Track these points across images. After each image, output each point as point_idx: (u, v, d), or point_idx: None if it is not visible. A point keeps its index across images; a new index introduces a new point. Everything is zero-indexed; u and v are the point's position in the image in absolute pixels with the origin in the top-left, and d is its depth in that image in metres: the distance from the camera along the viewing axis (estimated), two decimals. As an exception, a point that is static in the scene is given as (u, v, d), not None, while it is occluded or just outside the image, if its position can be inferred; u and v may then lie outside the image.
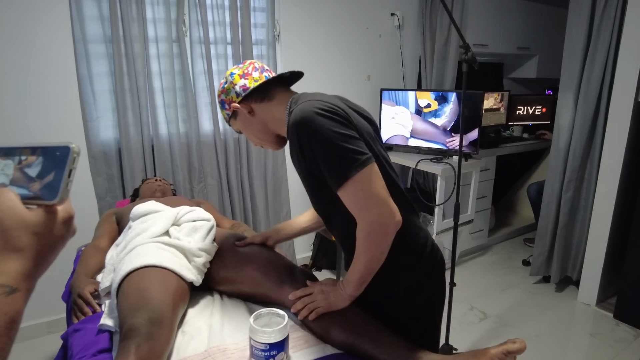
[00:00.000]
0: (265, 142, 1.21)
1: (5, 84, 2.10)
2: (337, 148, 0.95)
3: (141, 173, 2.42)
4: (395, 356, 1.03)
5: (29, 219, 0.48)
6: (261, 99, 1.14)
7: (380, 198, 0.98)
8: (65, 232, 0.51)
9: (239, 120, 1.18)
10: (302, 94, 1.14)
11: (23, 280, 0.47)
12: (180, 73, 2.45)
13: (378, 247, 1.01)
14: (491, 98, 3.48)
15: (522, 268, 3.24)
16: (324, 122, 0.96)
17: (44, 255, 0.49)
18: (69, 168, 0.49)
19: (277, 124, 1.15)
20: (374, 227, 0.99)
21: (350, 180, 0.96)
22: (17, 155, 0.52)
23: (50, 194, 0.49)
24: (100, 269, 1.49)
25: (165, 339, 0.98)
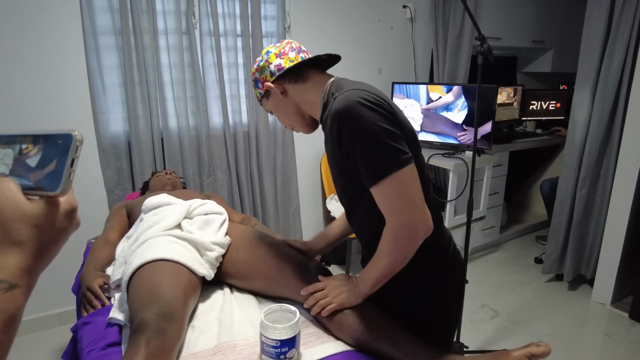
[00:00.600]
0: (296, 124, 1.18)
1: (16, 76, 2.09)
2: (378, 143, 0.91)
3: (151, 166, 2.42)
4: (411, 355, 1.00)
5: (29, 211, 0.45)
6: (295, 80, 1.10)
7: (415, 201, 0.94)
8: (68, 224, 0.48)
9: (271, 100, 1.15)
10: (343, 79, 1.09)
11: (23, 275, 0.44)
12: (190, 65, 2.43)
13: (403, 251, 0.98)
14: (504, 93, 3.41)
15: (534, 266, 3.19)
16: (369, 115, 0.91)
17: (45, 249, 0.46)
18: (72, 157, 0.47)
19: (311, 106, 1.12)
20: (403, 230, 0.95)
21: (386, 178, 0.92)
22: (17, 143, 0.49)
23: (52, 185, 0.46)
24: (109, 262, 1.48)
25: (175, 334, 0.97)
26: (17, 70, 2.09)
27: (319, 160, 3.05)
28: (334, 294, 1.10)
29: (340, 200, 1.18)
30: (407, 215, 0.94)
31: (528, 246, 3.56)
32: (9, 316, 0.41)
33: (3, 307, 0.41)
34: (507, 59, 4.01)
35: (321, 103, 1.09)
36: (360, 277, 1.08)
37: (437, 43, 3.21)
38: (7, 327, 0.41)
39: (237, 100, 2.62)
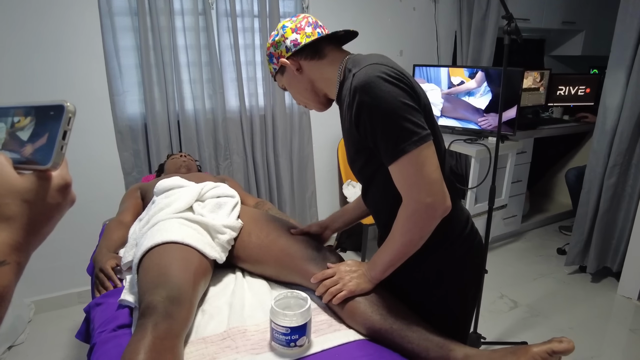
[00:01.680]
0: (310, 101, 1.14)
1: (35, 57, 2.10)
2: (398, 119, 0.89)
3: (167, 149, 2.41)
4: (424, 347, 0.96)
5: (18, 185, 0.43)
6: (312, 56, 1.06)
7: (433, 178, 0.91)
8: (61, 200, 0.46)
9: (286, 76, 1.11)
10: (359, 54, 1.05)
11: (11, 252, 0.42)
12: (207, 47, 2.40)
13: (419, 230, 0.95)
14: (530, 77, 3.27)
15: (557, 257, 3.09)
16: (390, 89, 0.89)
17: (36, 225, 0.44)
18: (63, 129, 0.44)
19: (326, 83, 1.08)
20: (420, 208, 0.92)
21: (406, 155, 0.89)
22: (9, 116, 0.47)
23: (43, 158, 0.44)
24: (123, 244, 1.48)
25: (183, 318, 0.95)
26: (36, 52, 2.10)
27: (336, 145, 3.00)
28: (344, 281, 1.07)
29: (357, 180, 1.14)
30: (426, 192, 0.91)
31: (550, 236, 3.45)
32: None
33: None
34: (535, 41, 3.84)
35: (337, 80, 1.05)
36: (372, 261, 1.05)
37: (461, 24, 3.09)
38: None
39: (254, 82, 2.58)
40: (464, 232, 1.08)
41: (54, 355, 2.07)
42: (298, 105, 1.08)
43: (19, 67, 2.08)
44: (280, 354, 0.96)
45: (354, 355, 0.98)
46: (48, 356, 2.05)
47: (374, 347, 1.00)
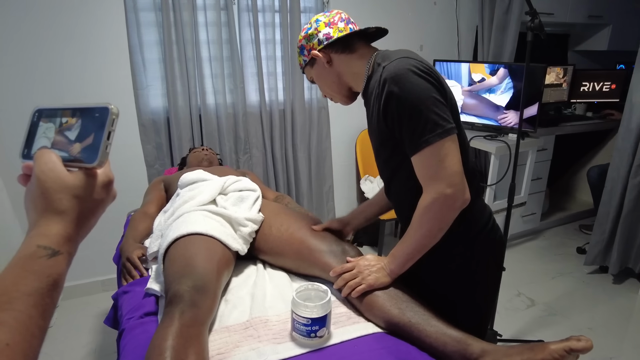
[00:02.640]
0: (336, 94, 1.18)
1: (65, 52, 2.16)
2: (424, 111, 0.92)
3: (189, 142, 2.46)
4: (441, 341, 0.98)
5: (69, 182, 0.47)
6: (342, 50, 1.11)
7: (454, 170, 0.95)
8: (105, 196, 0.50)
9: (315, 68, 1.16)
10: (388, 50, 1.09)
11: (65, 243, 0.46)
12: (228, 42, 2.43)
13: (438, 221, 0.98)
14: (553, 73, 3.21)
15: (576, 256, 3.05)
16: (419, 82, 0.93)
17: (84, 219, 0.49)
18: (108, 130, 0.48)
19: (354, 77, 1.12)
20: (440, 198, 0.95)
21: (430, 146, 0.93)
22: (58, 117, 0.51)
23: (89, 157, 0.48)
24: (148, 234, 1.53)
25: (208, 307, 0.99)
26: (66, 46, 2.17)
27: (354, 140, 3.00)
28: (363, 275, 1.09)
29: (381, 173, 1.18)
30: (446, 183, 0.94)
31: (570, 235, 3.40)
32: (53, 281, 0.44)
33: (47, 272, 0.44)
34: (558, 36, 3.75)
35: (365, 75, 1.09)
36: (391, 254, 1.07)
37: (482, 19, 3.04)
38: (51, 291, 0.44)
39: (274, 77, 2.60)
40: (487, 227, 1.10)
41: (80, 339, 2.15)
42: (323, 97, 1.14)
43: (50, 61, 2.15)
44: (301, 344, 0.98)
45: (372, 347, 1.00)
46: (75, 340, 2.14)
47: (391, 339, 1.02)
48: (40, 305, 0.42)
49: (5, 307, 0.40)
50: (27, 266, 0.43)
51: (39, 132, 0.52)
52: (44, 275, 0.43)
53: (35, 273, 0.43)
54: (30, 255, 0.44)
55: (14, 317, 0.40)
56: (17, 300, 0.41)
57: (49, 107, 0.53)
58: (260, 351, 0.95)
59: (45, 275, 0.44)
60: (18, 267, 0.43)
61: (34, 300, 0.42)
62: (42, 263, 0.44)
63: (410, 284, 1.11)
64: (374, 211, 1.37)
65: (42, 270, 0.44)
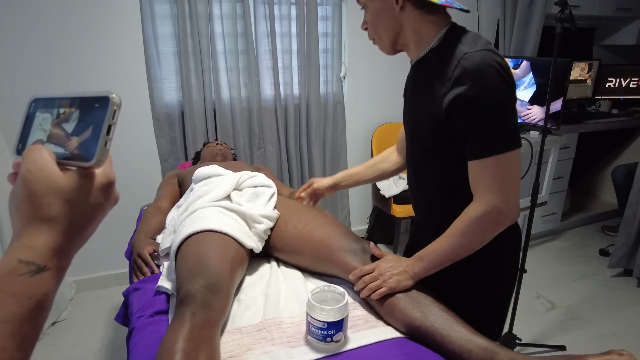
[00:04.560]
0: (385, 41, 1.04)
1: (76, 44, 2.15)
2: (502, 117, 0.88)
3: (203, 136, 2.43)
4: (466, 348, 0.92)
5: (60, 183, 0.40)
6: (421, 6, 0.96)
7: (515, 186, 0.92)
8: (103, 200, 0.43)
9: (379, 2, 0.98)
10: (464, 29, 0.98)
11: (53, 256, 0.39)
12: (243, 35, 2.39)
13: (483, 234, 0.95)
14: (577, 68, 3.10)
15: (599, 258, 2.95)
16: (501, 84, 0.87)
17: (78, 227, 0.41)
18: (108, 123, 0.41)
19: (416, 40, 1.00)
20: (494, 212, 0.91)
21: (499, 155, 0.88)
22: (55, 107, 0.45)
23: (87, 154, 0.41)
24: (160, 230, 1.50)
25: (221, 308, 0.95)
26: (81, 39, 2.15)
27: (370, 136, 2.94)
28: (384, 277, 1.04)
29: (409, 160, 1.12)
30: (504, 197, 0.91)
31: (592, 236, 3.29)
32: (35, 303, 0.37)
33: (29, 292, 0.37)
34: (583, 30, 3.62)
35: (431, 44, 0.98)
36: (418, 257, 1.03)
37: (504, 12, 2.95)
38: (34, 316, 0.36)
39: (289, 71, 2.55)
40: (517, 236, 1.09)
41: (93, 332, 2.15)
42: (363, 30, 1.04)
43: (65, 55, 2.14)
44: (316, 348, 0.94)
45: (391, 353, 0.95)
46: (88, 333, 2.14)
47: (412, 345, 0.97)
48: (18, 334, 0.35)
49: None
50: (5, 286, 0.36)
51: (34, 125, 0.46)
52: (25, 297, 0.36)
53: (14, 295, 0.36)
54: (10, 272, 0.36)
55: None
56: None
57: (46, 97, 0.46)
58: (273, 355, 0.91)
59: (27, 297, 0.36)
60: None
61: (10, 329, 0.34)
62: (23, 282, 0.36)
63: (432, 285, 1.06)
64: (364, 178, 1.38)
65: (23, 291, 0.36)
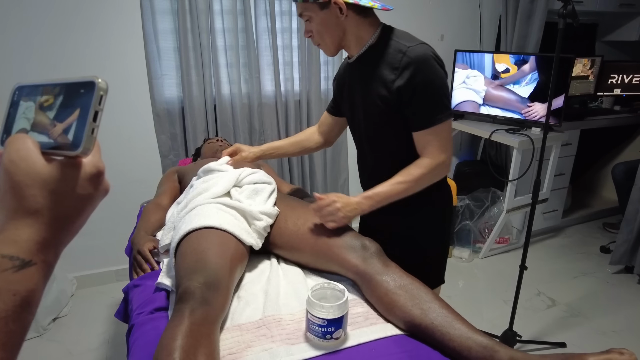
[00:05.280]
0: (329, 44, 1.20)
1: (75, 39, 2.14)
2: (440, 95, 1.13)
3: (203, 133, 2.43)
4: (466, 346, 0.92)
5: (45, 174, 0.38)
6: (359, 12, 1.15)
7: (451, 147, 1.20)
8: (92, 190, 0.41)
9: (325, 13, 1.13)
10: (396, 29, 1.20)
11: (38, 250, 0.37)
12: (244, 30, 2.37)
13: (430, 181, 1.20)
14: (579, 64, 3.08)
15: (599, 255, 2.94)
16: (439, 70, 1.12)
17: (66, 219, 0.39)
18: (94, 109, 0.39)
19: (356, 40, 1.19)
20: (442, 166, 1.18)
21: (443, 123, 1.14)
22: (39, 95, 0.43)
23: (72, 143, 0.39)
24: (160, 226, 1.49)
25: (220, 305, 0.95)
26: (79, 33, 2.14)
27: (371, 133, 2.94)
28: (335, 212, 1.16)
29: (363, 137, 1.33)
30: (448, 156, 1.18)
31: (593, 233, 3.28)
32: (21, 299, 0.35)
33: (14, 288, 0.35)
34: (586, 26, 3.60)
35: (370, 42, 1.18)
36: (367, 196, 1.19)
37: (506, 7, 2.93)
38: (19, 313, 0.35)
39: (290, 67, 2.54)
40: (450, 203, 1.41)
41: (94, 328, 2.15)
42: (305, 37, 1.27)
43: (63, 50, 2.13)
44: (316, 345, 0.94)
45: (391, 350, 0.95)
46: (89, 329, 2.14)
47: (412, 343, 0.97)
48: (2, 332, 0.33)
49: None
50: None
51: (18, 113, 0.44)
52: (9, 294, 0.34)
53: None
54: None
55: None
56: None
57: (30, 84, 0.44)
58: (273, 352, 0.91)
59: (11, 293, 0.34)
60: None
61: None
62: (6, 277, 0.35)
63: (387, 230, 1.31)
64: (287, 152, 1.54)
65: (7, 287, 0.34)
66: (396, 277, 1.06)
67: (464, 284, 2.63)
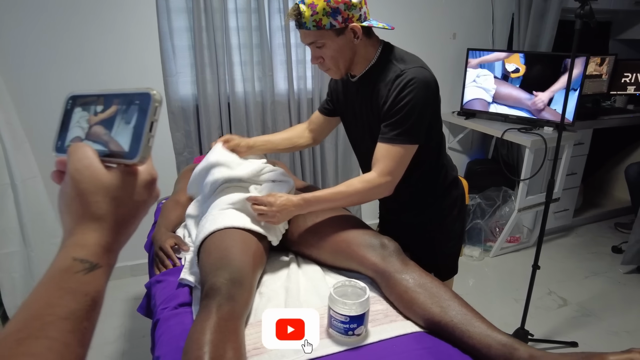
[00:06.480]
0: (341, 68, 1.22)
1: (91, 37, 2.16)
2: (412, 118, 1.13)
3: (217, 130, 2.45)
4: (485, 343, 0.93)
5: (107, 182, 0.40)
6: (366, 33, 1.18)
7: (400, 173, 1.20)
8: (147, 197, 0.43)
9: (340, 39, 1.15)
10: (395, 47, 1.24)
11: (104, 254, 0.40)
12: (258, 29, 2.39)
13: (366, 198, 1.22)
14: (592, 63, 3.06)
15: (611, 255, 2.93)
16: (423, 95, 1.13)
17: (124, 224, 0.42)
18: (150, 120, 0.41)
19: (361, 60, 1.21)
20: (382, 187, 1.19)
21: (399, 145, 1.16)
22: (92, 104, 0.45)
23: (129, 152, 0.41)
24: (179, 223, 1.52)
25: (245, 300, 0.97)
26: (96, 32, 2.16)
27: (382, 131, 2.94)
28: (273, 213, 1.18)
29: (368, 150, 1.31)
30: (394, 178, 1.19)
31: (604, 233, 3.27)
32: (91, 300, 0.38)
33: (85, 289, 0.38)
34: (600, 24, 3.57)
35: (372, 62, 1.21)
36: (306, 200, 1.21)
37: (519, 6, 2.91)
38: (90, 312, 0.38)
39: (303, 65, 2.55)
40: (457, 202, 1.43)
41: (110, 322, 2.19)
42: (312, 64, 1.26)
43: (79, 48, 2.16)
44: (338, 341, 0.96)
45: (411, 347, 0.96)
46: (105, 323, 2.18)
47: (432, 340, 0.99)
48: (78, 330, 0.36)
49: (37, 334, 0.34)
50: (63, 283, 0.37)
51: (72, 122, 0.46)
52: (82, 294, 0.37)
53: (72, 292, 0.37)
54: (66, 270, 0.38)
55: (48, 346, 0.33)
56: (50, 325, 0.34)
57: (83, 94, 0.47)
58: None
59: (83, 294, 0.37)
60: (53, 284, 0.37)
61: (71, 325, 0.35)
62: (79, 279, 0.37)
63: None
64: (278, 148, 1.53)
65: (80, 288, 0.37)
66: (415, 276, 1.07)
67: (475, 282, 2.63)
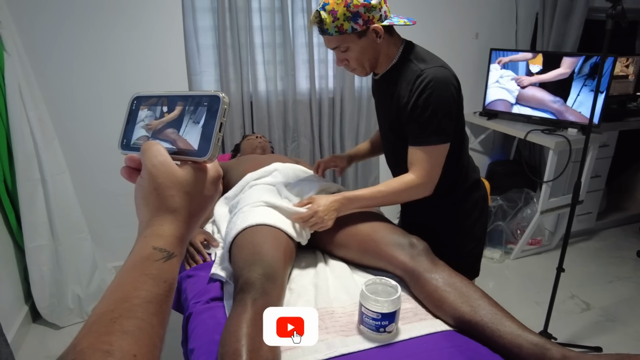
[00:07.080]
0: (367, 68, 1.25)
1: (117, 36, 2.20)
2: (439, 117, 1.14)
3: (240, 129, 2.48)
4: (516, 343, 0.93)
5: (181, 177, 0.43)
6: (388, 31, 1.19)
7: (438, 173, 1.22)
8: (214, 192, 0.47)
9: (363, 41, 1.17)
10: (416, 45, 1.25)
11: (178, 244, 0.43)
12: (281, 28, 2.41)
13: (405, 198, 1.26)
14: (618, 63, 3.00)
15: (635, 260, 2.87)
16: (446, 94, 1.15)
17: (195, 217, 0.45)
18: (220, 121, 0.44)
19: (384, 58, 1.23)
20: (421, 188, 1.21)
21: (432, 146, 1.18)
22: (158, 105, 0.48)
23: (199, 150, 0.44)
24: (208, 219, 1.54)
25: (277, 295, 0.99)
26: (122, 31, 2.20)
27: (403, 131, 2.94)
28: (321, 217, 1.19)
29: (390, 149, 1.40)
30: (432, 179, 1.21)
31: (628, 237, 3.21)
32: (169, 286, 0.41)
33: (164, 276, 0.40)
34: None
35: (394, 61, 1.23)
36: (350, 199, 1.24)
37: (544, 5, 2.87)
38: (168, 297, 0.41)
39: (325, 65, 2.57)
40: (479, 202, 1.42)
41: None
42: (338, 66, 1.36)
43: (104, 44, 2.19)
44: (369, 338, 0.97)
45: (441, 345, 0.97)
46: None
47: (462, 338, 0.99)
48: (159, 313, 0.39)
49: (127, 314, 0.36)
50: (145, 269, 0.40)
51: (137, 121, 0.49)
52: (161, 280, 0.40)
53: (154, 278, 0.40)
54: (147, 258, 0.40)
55: (138, 325, 0.36)
56: (138, 307, 0.37)
57: (148, 95, 0.50)
58: (329, 343, 0.94)
59: (162, 280, 0.40)
60: (136, 270, 0.40)
61: (154, 308, 0.38)
62: (159, 267, 0.40)
63: None
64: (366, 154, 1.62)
65: (160, 275, 0.40)
66: (445, 275, 1.07)
67: (495, 284, 2.61)
